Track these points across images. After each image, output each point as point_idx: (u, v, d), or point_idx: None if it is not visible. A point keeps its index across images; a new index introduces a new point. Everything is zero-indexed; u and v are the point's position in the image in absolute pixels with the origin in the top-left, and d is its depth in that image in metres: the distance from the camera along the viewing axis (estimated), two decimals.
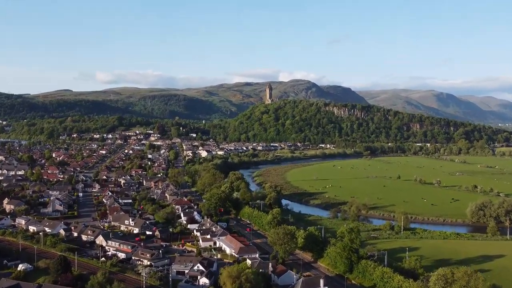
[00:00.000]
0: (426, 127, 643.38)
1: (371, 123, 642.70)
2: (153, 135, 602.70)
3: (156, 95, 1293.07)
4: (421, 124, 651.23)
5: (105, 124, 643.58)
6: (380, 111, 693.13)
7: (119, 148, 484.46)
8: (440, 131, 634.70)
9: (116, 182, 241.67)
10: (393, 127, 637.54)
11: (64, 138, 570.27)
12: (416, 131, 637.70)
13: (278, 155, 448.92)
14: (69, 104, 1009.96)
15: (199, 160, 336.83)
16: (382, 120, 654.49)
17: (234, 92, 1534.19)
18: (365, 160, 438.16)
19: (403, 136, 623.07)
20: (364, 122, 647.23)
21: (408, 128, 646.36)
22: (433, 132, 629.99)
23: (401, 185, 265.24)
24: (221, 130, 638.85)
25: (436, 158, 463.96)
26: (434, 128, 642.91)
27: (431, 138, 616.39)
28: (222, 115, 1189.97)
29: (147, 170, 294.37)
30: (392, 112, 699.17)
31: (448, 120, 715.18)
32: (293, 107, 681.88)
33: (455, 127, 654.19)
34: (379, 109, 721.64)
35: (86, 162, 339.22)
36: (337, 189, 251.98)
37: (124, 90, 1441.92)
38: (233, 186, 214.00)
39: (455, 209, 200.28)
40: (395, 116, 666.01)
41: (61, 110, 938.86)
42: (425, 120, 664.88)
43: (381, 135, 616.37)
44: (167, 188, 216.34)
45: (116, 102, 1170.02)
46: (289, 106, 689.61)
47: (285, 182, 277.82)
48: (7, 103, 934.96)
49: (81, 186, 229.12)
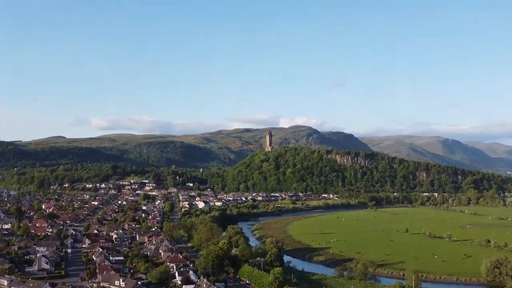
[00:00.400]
0: (433, 176, 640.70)
1: (376, 172, 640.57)
2: (148, 184, 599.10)
3: (152, 142, 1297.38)
4: (428, 172, 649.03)
5: (99, 173, 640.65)
6: (384, 159, 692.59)
7: (112, 199, 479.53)
8: (448, 180, 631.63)
9: (108, 237, 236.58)
10: (399, 175, 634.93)
11: (55, 188, 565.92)
12: (423, 180, 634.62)
13: (279, 206, 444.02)
14: (62, 151, 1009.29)
15: (195, 212, 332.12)
16: (387, 168, 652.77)
17: (233, 139, 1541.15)
18: (370, 211, 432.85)
19: (409, 185, 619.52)
20: (368, 170, 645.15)
21: (414, 176, 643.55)
22: (441, 181, 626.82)
23: (409, 239, 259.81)
24: (219, 179, 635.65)
25: (444, 209, 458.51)
26: (441, 176, 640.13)
27: (438, 187, 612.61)
28: (220, 163, 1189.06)
29: (141, 223, 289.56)
30: (397, 160, 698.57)
31: (455, 168, 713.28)
32: (294, 155, 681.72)
33: (463, 176, 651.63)
34: (383, 156, 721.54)
35: (77, 214, 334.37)
36: (341, 243, 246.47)
37: (119, 137, 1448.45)
38: (231, 241, 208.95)
39: (469, 266, 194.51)
40: (401, 164, 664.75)
41: (53, 158, 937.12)
42: (432, 169, 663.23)
43: (386, 184, 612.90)
44: (161, 244, 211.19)
45: (110, 149, 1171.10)
46: (290, 153, 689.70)
47: (286, 236, 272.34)
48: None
49: (70, 241, 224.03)
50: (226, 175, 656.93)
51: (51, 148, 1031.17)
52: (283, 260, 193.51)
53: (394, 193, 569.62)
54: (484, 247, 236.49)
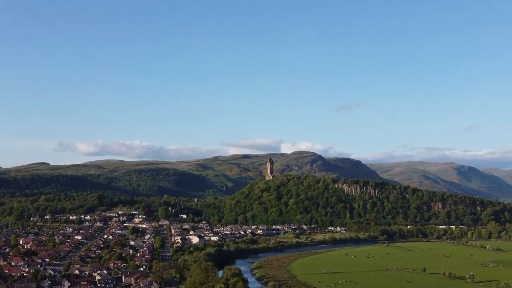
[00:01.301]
0: (450, 207, 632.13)
1: (387, 202, 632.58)
2: (137, 216, 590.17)
3: (143, 169, 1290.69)
4: (444, 203, 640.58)
5: (83, 203, 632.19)
6: (396, 188, 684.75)
7: (97, 233, 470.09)
8: (466, 211, 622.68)
9: (90, 279, 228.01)
10: (412, 206, 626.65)
11: (35, 220, 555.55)
12: (438, 211, 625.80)
13: (281, 241, 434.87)
14: (45, 179, 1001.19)
15: (189, 249, 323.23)
16: (399, 198, 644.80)
17: (230, 166, 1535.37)
18: (382, 246, 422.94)
19: (423, 217, 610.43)
20: (378, 201, 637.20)
21: (429, 207, 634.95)
22: (458, 213, 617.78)
23: (427, 281, 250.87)
24: (216, 211, 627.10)
25: (463, 244, 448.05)
26: (458, 207, 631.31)
27: (455, 219, 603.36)
28: (217, 192, 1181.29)
29: (128, 261, 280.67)
30: (410, 189, 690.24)
31: (474, 198, 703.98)
32: (298, 184, 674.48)
33: (482, 207, 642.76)
34: (395, 186, 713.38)
35: (58, 251, 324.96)
36: (352, 285, 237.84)
37: (108, 164, 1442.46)
38: (228, 284, 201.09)
39: None
40: (414, 194, 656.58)
41: (35, 187, 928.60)
42: (448, 199, 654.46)
43: (398, 216, 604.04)
44: (150, 287, 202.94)
45: (97, 177, 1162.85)
46: (293, 182, 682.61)
47: (290, 277, 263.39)
48: None
49: (47, 283, 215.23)
50: (223, 206, 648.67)
51: (32, 175, 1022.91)
52: None
53: (408, 226, 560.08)
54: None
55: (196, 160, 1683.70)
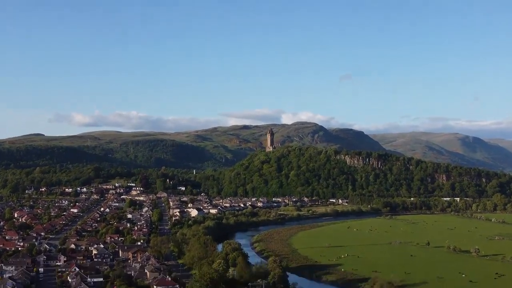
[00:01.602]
0: (454, 179, 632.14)
1: (390, 174, 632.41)
2: (135, 188, 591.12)
3: (140, 140, 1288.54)
4: (448, 175, 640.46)
5: (79, 175, 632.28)
6: (399, 159, 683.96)
7: (94, 205, 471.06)
8: (471, 183, 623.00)
9: (86, 253, 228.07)
10: (416, 178, 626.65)
11: (30, 193, 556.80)
12: (443, 183, 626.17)
13: (282, 214, 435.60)
14: (40, 151, 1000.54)
15: (187, 222, 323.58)
16: (402, 170, 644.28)
17: (230, 137, 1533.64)
18: (385, 219, 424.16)
19: (427, 189, 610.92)
20: (381, 172, 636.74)
21: (433, 179, 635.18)
22: (462, 185, 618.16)
23: (431, 255, 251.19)
24: (215, 183, 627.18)
25: (468, 217, 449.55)
26: (463, 179, 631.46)
27: (460, 191, 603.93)
28: (216, 163, 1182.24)
29: (125, 235, 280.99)
30: (414, 161, 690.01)
31: (479, 170, 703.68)
32: (299, 156, 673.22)
33: (487, 178, 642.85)
34: (398, 157, 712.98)
35: (53, 224, 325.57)
36: (354, 259, 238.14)
37: (104, 135, 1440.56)
38: (228, 260, 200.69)
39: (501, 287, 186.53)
40: (418, 166, 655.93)
41: (30, 158, 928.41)
42: (453, 171, 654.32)
43: (402, 188, 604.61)
44: (148, 262, 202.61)
45: (93, 148, 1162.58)
46: (294, 154, 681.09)
47: (291, 251, 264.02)
48: None
49: (43, 258, 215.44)
50: (222, 178, 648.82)
51: (27, 147, 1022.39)
52: (288, 282, 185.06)
53: (411, 198, 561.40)
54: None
55: (194, 131, 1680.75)
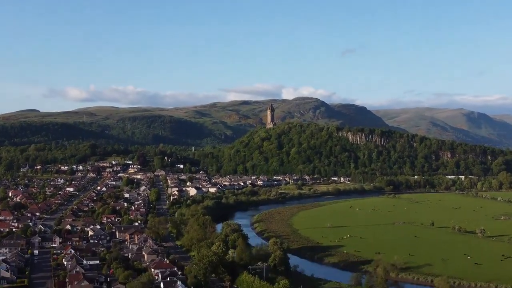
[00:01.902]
0: (459, 156, 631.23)
1: (393, 152, 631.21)
2: (132, 166, 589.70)
3: (138, 116, 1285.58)
4: (453, 152, 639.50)
5: (75, 153, 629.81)
6: (403, 136, 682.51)
7: (90, 184, 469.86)
8: (476, 161, 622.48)
9: (82, 234, 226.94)
10: (419, 156, 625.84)
11: (25, 171, 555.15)
12: (447, 160, 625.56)
13: (283, 192, 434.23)
14: (34, 127, 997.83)
15: (186, 202, 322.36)
16: (406, 147, 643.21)
17: (229, 112, 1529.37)
18: (388, 198, 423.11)
19: (431, 167, 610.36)
20: (384, 150, 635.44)
21: (437, 157, 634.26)
22: (467, 162, 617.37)
23: (436, 235, 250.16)
24: (214, 161, 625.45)
25: (473, 196, 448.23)
26: (468, 157, 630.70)
27: (464, 169, 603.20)
28: (215, 140, 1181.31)
29: (122, 215, 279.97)
30: (418, 138, 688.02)
31: (484, 147, 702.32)
32: (300, 132, 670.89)
33: (493, 156, 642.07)
34: (402, 134, 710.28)
35: (48, 204, 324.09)
36: (357, 240, 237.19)
37: (100, 110, 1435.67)
38: (227, 242, 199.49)
39: (509, 270, 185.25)
40: (422, 143, 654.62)
41: (25, 135, 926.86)
42: (457, 148, 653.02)
43: (405, 166, 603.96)
44: (145, 244, 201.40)
45: (90, 124, 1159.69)
46: (295, 131, 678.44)
47: (292, 231, 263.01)
48: None
49: (37, 240, 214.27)
50: (221, 156, 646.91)
51: (21, 123, 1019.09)
52: (289, 264, 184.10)
53: (415, 176, 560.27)
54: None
55: (193, 106, 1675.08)
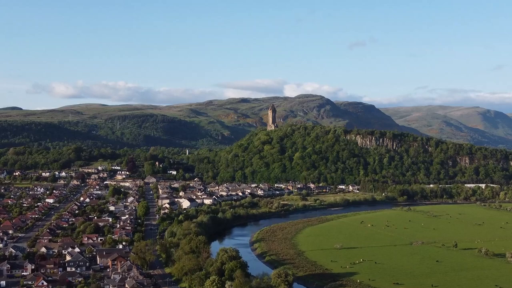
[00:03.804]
0: (478, 162, 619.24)
1: (406, 157, 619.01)
2: (120, 172, 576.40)
3: (128, 115, 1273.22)
4: (471, 157, 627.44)
5: (58, 157, 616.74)
6: (417, 140, 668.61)
7: (73, 193, 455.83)
8: (497, 167, 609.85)
9: (58, 259, 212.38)
10: (435, 161, 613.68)
11: (2, 178, 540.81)
12: (465, 166, 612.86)
13: (285, 204, 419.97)
14: (16, 127, 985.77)
15: (178, 217, 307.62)
16: (421, 152, 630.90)
17: (226, 111, 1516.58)
18: (402, 211, 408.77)
19: (448, 174, 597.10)
20: (397, 155, 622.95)
21: (455, 163, 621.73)
22: (487, 169, 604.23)
23: (460, 260, 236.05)
24: (210, 166, 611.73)
25: (497, 208, 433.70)
26: (488, 162, 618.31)
27: (485, 176, 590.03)
28: (211, 141, 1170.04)
29: (105, 234, 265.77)
30: (433, 141, 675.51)
31: (506, 151, 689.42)
32: (304, 135, 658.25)
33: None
34: (416, 137, 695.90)
35: (24, 219, 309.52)
36: (371, 266, 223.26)
37: (87, 109, 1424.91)
38: (223, 270, 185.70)
39: None
40: (437, 147, 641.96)
41: (5, 136, 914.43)
42: (476, 152, 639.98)
43: (420, 173, 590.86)
44: (129, 274, 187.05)
45: (76, 124, 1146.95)
46: (299, 133, 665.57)
47: (296, 253, 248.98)
48: None
49: (6, 267, 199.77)
50: (218, 161, 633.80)
51: (2, 123, 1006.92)
52: None
53: (430, 185, 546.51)
54: None
55: (188, 104, 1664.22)
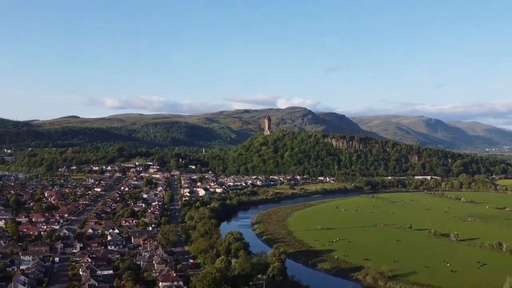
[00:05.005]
0: (424, 159, 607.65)
1: (370, 155, 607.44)
2: (152, 166, 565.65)
3: (159, 122, 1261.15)
4: (419, 155, 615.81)
5: (105, 155, 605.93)
6: (378, 142, 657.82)
7: (116, 183, 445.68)
8: (439, 163, 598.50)
9: (101, 239, 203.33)
10: (392, 159, 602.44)
11: (62, 171, 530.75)
12: (415, 163, 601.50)
13: (278, 192, 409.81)
14: (74, 131, 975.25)
15: (195, 204, 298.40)
16: (381, 152, 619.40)
17: (233, 119, 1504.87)
18: (368, 198, 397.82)
19: (402, 168, 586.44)
20: (362, 154, 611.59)
21: (407, 160, 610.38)
22: (431, 164, 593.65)
23: (415, 239, 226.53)
24: (220, 162, 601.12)
25: (440, 196, 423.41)
26: (432, 160, 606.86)
27: (429, 170, 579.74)
28: (222, 142, 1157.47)
29: (139, 217, 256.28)
30: (390, 143, 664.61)
31: (445, 151, 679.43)
32: (292, 139, 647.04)
33: (452, 159, 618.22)
34: (377, 140, 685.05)
35: (77, 205, 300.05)
36: (345, 244, 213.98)
37: (129, 117, 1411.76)
38: (230, 249, 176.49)
39: (487, 280, 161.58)
40: (393, 148, 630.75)
41: (66, 138, 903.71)
42: (423, 152, 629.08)
43: (380, 167, 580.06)
44: (156, 252, 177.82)
45: (119, 129, 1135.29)
46: (288, 137, 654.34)
47: (287, 233, 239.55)
48: (13, 131, 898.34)
49: (60, 246, 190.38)
50: (227, 158, 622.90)
51: (64, 128, 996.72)
52: (287, 274, 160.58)
53: (388, 177, 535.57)
54: (497, 250, 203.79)
55: (204, 114, 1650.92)
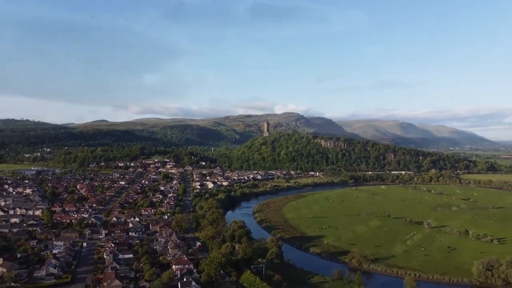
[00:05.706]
0: (399, 157, 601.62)
1: (353, 153, 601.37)
2: (169, 163, 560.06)
3: (175, 125, 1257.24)
4: (395, 153, 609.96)
5: (129, 153, 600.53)
6: (360, 142, 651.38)
7: (138, 177, 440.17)
8: (411, 160, 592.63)
9: (123, 228, 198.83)
10: (372, 156, 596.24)
11: (92, 167, 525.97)
12: (391, 160, 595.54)
13: (276, 185, 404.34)
14: (103, 133, 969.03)
15: (205, 195, 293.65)
16: (362, 150, 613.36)
17: (238, 123, 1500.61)
18: (352, 190, 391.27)
19: (380, 164, 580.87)
20: (347, 152, 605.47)
21: (384, 157, 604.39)
22: (405, 161, 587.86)
23: (394, 226, 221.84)
24: (226, 159, 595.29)
25: (413, 188, 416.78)
26: (406, 157, 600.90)
27: (403, 166, 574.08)
28: (228, 142, 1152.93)
29: (156, 207, 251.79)
30: (370, 143, 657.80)
31: (417, 150, 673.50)
32: (287, 139, 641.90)
33: (423, 157, 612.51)
34: (359, 141, 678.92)
35: (104, 196, 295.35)
36: (334, 231, 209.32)
37: (149, 121, 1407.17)
38: (234, 235, 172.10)
39: (456, 263, 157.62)
40: (373, 147, 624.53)
41: (96, 139, 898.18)
42: (398, 151, 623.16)
43: (362, 164, 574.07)
44: (170, 238, 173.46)
45: (142, 131, 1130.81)
46: (284, 138, 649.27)
47: (283, 221, 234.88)
48: (52, 133, 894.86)
49: (88, 232, 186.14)
50: (232, 156, 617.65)
51: (94, 130, 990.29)
52: (283, 257, 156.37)
53: (369, 172, 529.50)
54: (464, 237, 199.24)
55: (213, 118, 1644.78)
